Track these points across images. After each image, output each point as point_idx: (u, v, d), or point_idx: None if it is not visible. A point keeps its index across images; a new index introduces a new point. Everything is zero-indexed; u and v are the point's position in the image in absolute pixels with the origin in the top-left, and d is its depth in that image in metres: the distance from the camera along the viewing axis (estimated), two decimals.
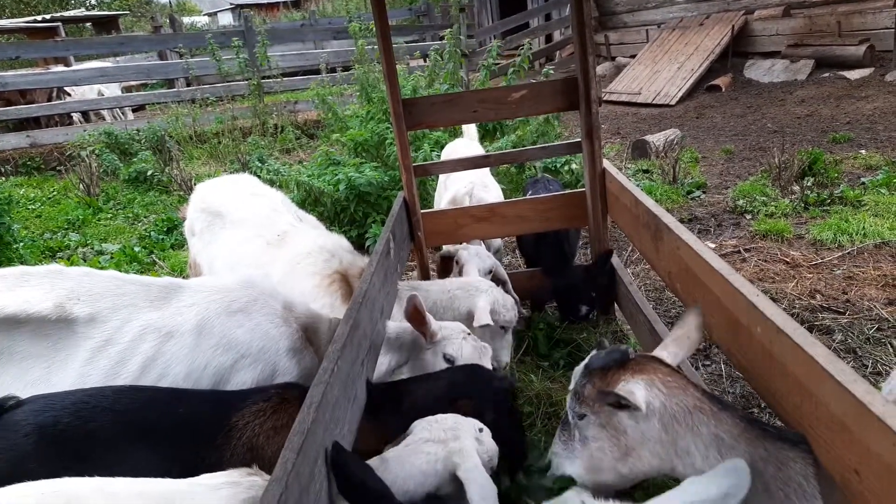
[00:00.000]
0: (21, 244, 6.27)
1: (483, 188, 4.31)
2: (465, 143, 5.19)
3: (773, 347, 1.59)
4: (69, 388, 1.89)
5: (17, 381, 1.93)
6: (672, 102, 11.39)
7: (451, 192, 4.35)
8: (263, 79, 11.73)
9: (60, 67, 13.29)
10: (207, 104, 11.70)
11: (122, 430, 1.76)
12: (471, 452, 1.81)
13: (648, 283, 4.56)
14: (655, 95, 11.82)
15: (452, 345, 2.52)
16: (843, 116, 8.74)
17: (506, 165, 6.33)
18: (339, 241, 3.26)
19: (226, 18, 36.06)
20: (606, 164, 3.52)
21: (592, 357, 1.86)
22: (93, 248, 6.47)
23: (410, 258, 3.99)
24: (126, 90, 15.03)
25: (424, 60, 10.92)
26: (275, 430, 1.88)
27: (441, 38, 8.06)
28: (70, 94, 12.76)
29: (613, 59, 15.18)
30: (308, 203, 5.64)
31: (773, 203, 5.72)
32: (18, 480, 1.39)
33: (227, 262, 3.24)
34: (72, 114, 12.25)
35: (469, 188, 4.22)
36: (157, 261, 5.98)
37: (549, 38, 17.43)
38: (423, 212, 3.72)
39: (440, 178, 4.93)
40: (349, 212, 5.59)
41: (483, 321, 2.77)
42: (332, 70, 11.91)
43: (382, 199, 5.61)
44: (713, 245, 5.10)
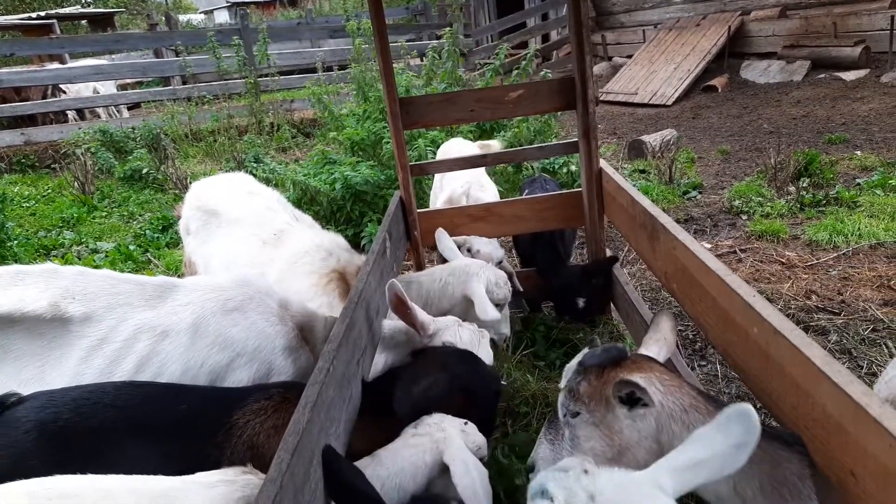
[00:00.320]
0: (15, 242, 6.24)
1: (479, 188, 4.30)
2: (460, 144, 5.18)
3: (770, 348, 1.59)
4: (63, 387, 1.88)
5: (12, 380, 1.92)
6: (668, 103, 11.41)
7: (448, 192, 4.34)
8: (260, 77, 11.70)
9: (56, 65, 13.23)
10: (203, 102, 11.66)
11: (123, 427, 1.76)
12: (455, 439, 1.85)
13: (644, 284, 4.57)
14: (652, 96, 11.84)
15: (449, 332, 2.47)
16: (839, 117, 8.76)
17: (503, 165, 6.32)
18: (337, 240, 3.25)
19: (222, 16, 35.97)
20: (603, 164, 3.52)
21: (587, 354, 1.83)
22: (87, 247, 6.45)
23: (407, 257, 3.98)
24: (121, 88, 14.97)
25: (421, 59, 10.91)
26: (275, 429, 1.87)
27: (438, 37, 8.02)
28: (65, 92, 12.70)
29: (610, 60, 15.20)
30: (304, 202, 5.62)
31: (769, 204, 5.74)
32: (19, 477, 1.39)
33: (223, 261, 3.23)
34: (67, 111, 12.19)
35: (466, 187, 4.22)
36: (153, 259, 5.95)
37: (546, 38, 17.43)
38: (420, 211, 3.72)
39: (436, 178, 4.92)
40: (345, 211, 5.58)
41: (489, 315, 2.68)
42: (329, 69, 11.89)
43: (378, 198, 5.60)
44: (709, 245, 5.11)
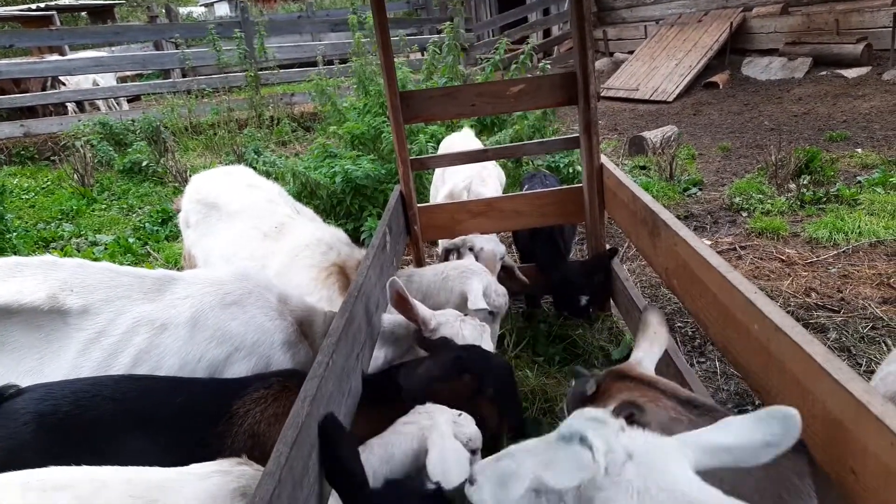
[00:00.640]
0: (14, 234, 6.23)
1: (481, 183, 4.28)
2: (463, 137, 5.17)
3: (771, 345, 1.59)
4: (61, 379, 1.88)
5: (9, 372, 1.91)
6: (669, 99, 11.38)
7: (449, 186, 4.33)
8: (260, 70, 11.66)
9: (55, 56, 13.19)
10: (203, 95, 11.62)
11: (123, 419, 1.77)
12: (440, 427, 1.87)
13: (644, 280, 4.56)
14: (653, 92, 11.80)
15: (451, 327, 2.48)
16: (840, 115, 8.74)
17: (503, 160, 6.30)
18: (337, 234, 3.25)
19: (222, 9, 35.76)
20: (604, 160, 3.51)
21: (568, 395, 1.87)
22: (87, 239, 6.43)
23: (407, 252, 3.98)
24: (121, 80, 14.93)
25: (422, 54, 10.87)
26: (276, 418, 1.88)
27: (439, 32, 7.98)
28: (65, 84, 12.65)
29: (611, 55, 15.15)
30: (304, 196, 5.61)
31: (770, 201, 5.73)
32: (17, 468, 1.39)
33: (223, 254, 3.22)
34: (66, 103, 12.15)
35: (467, 183, 4.20)
36: (152, 252, 5.94)
37: (548, 33, 17.37)
38: (420, 206, 3.71)
39: (437, 172, 4.91)
40: (345, 205, 5.57)
41: (478, 305, 2.73)
42: (330, 62, 11.85)
43: (379, 193, 5.58)
44: (709, 242, 5.10)
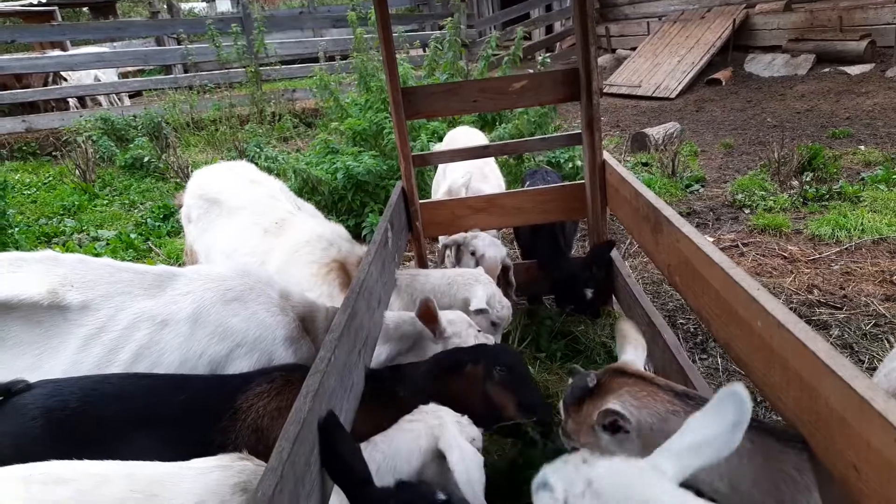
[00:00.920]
0: (16, 229, 6.23)
1: (482, 179, 4.27)
2: (466, 132, 5.16)
3: (773, 342, 1.58)
4: (61, 375, 1.89)
5: (8, 368, 1.91)
6: (672, 95, 11.35)
7: (448, 182, 4.32)
8: (261, 66, 11.64)
9: (57, 52, 13.16)
10: (205, 91, 11.61)
11: (129, 416, 1.79)
12: (450, 426, 1.90)
13: (646, 277, 4.56)
14: (655, 88, 11.77)
15: (459, 338, 2.55)
16: (843, 112, 8.71)
17: (504, 156, 6.29)
18: (338, 230, 3.24)
19: (224, 5, 35.67)
20: (606, 156, 3.49)
21: (566, 392, 1.89)
22: (88, 235, 6.44)
23: (408, 248, 3.97)
24: (123, 76, 14.90)
25: (424, 50, 10.84)
26: (279, 412, 1.90)
27: (440, 28, 7.97)
28: (66, 79, 12.64)
29: (614, 52, 15.11)
30: (305, 192, 5.61)
31: (772, 198, 5.71)
32: (25, 462, 1.40)
33: (224, 250, 3.22)
34: (68, 99, 12.15)
35: (466, 179, 4.19)
36: (154, 248, 5.95)
37: (550, 29, 17.33)
38: (422, 202, 3.70)
39: (439, 167, 4.90)
40: (347, 201, 5.57)
41: (480, 305, 2.78)
42: (331, 58, 11.82)
43: (380, 189, 5.58)
44: (711, 239, 5.09)
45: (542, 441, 2.45)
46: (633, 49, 13.87)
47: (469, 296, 2.92)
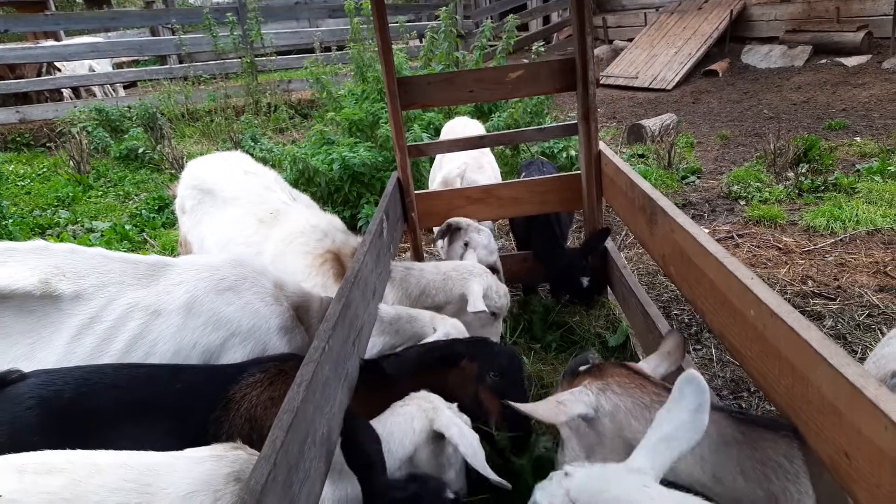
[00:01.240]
0: (10, 221, 6.21)
1: (477, 169, 4.26)
2: (464, 122, 5.14)
3: (767, 331, 1.59)
4: (54, 366, 1.89)
5: (1, 358, 1.91)
6: (669, 87, 11.33)
7: (443, 173, 4.31)
8: (257, 57, 11.56)
9: (50, 42, 13.03)
10: (200, 82, 11.54)
11: (123, 406, 1.79)
12: (443, 409, 1.94)
13: (641, 268, 4.56)
14: (652, 80, 11.75)
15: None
16: (840, 103, 8.72)
17: (500, 147, 6.28)
18: (333, 221, 3.24)
19: None
20: (602, 147, 3.49)
21: (569, 365, 1.99)
22: (83, 226, 6.41)
23: (404, 239, 3.97)
24: (117, 66, 14.79)
25: (420, 41, 10.78)
26: (272, 401, 1.90)
27: (437, 18, 7.91)
28: (60, 70, 12.53)
29: (611, 43, 15.06)
30: (301, 183, 5.59)
31: (768, 189, 5.72)
32: (20, 451, 1.41)
33: (219, 241, 3.21)
34: (62, 89, 12.05)
35: (461, 169, 4.18)
36: (149, 239, 5.93)
37: (547, 20, 17.25)
38: (417, 193, 3.69)
39: (436, 157, 4.89)
40: (343, 192, 5.55)
41: (477, 307, 2.73)
42: (327, 49, 11.75)
43: (376, 180, 5.56)
44: (706, 230, 5.10)
45: (510, 450, 2.32)
46: (631, 40, 13.83)
47: (465, 291, 2.89)
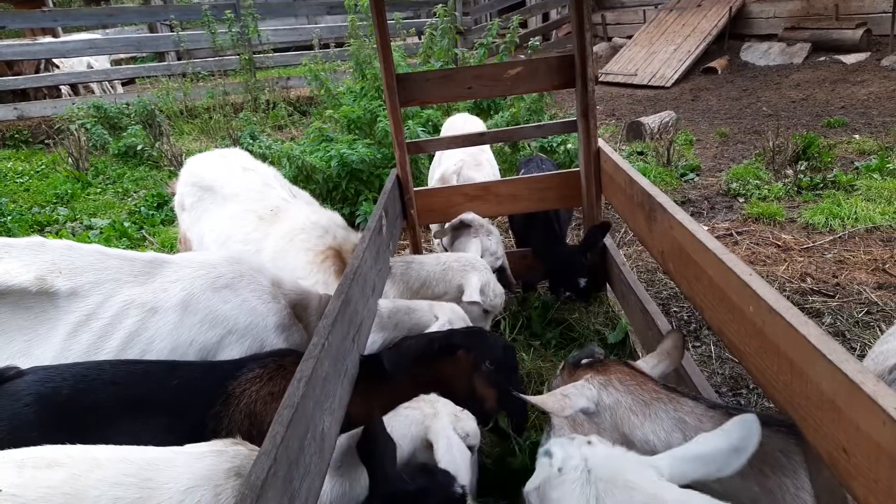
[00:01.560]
0: (9, 218, 6.20)
1: (474, 167, 4.25)
2: (465, 119, 5.14)
3: (766, 327, 1.59)
4: (50, 362, 1.89)
5: None
6: (668, 84, 11.33)
7: (440, 170, 4.30)
8: (255, 54, 11.54)
9: (48, 38, 13.00)
10: (198, 78, 11.51)
11: (122, 402, 1.79)
12: (442, 418, 1.92)
13: (640, 265, 4.57)
14: (651, 77, 11.74)
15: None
16: (838, 101, 8.72)
17: (500, 144, 6.27)
18: (333, 218, 3.23)
19: None
20: (601, 144, 3.49)
21: (573, 355, 2.01)
22: (82, 223, 6.40)
23: (403, 237, 3.96)
24: (115, 63, 14.75)
25: (419, 38, 10.76)
26: (272, 396, 1.90)
27: (436, 15, 7.89)
28: (58, 67, 12.50)
29: (610, 40, 15.05)
30: (300, 180, 5.57)
31: (767, 186, 5.72)
32: (18, 447, 1.40)
33: (218, 237, 3.20)
34: (60, 86, 12.02)
35: (458, 166, 4.17)
36: (147, 236, 5.92)
37: (546, 17, 17.23)
38: (416, 189, 3.69)
39: (435, 154, 4.89)
40: (341, 189, 5.54)
41: (473, 297, 2.76)
42: (326, 46, 11.73)
43: (374, 177, 5.55)
44: (706, 228, 5.10)
45: (514, 435, 2.45)
46: (630, 37, 13.82)
47: (463, 282, 2.91)
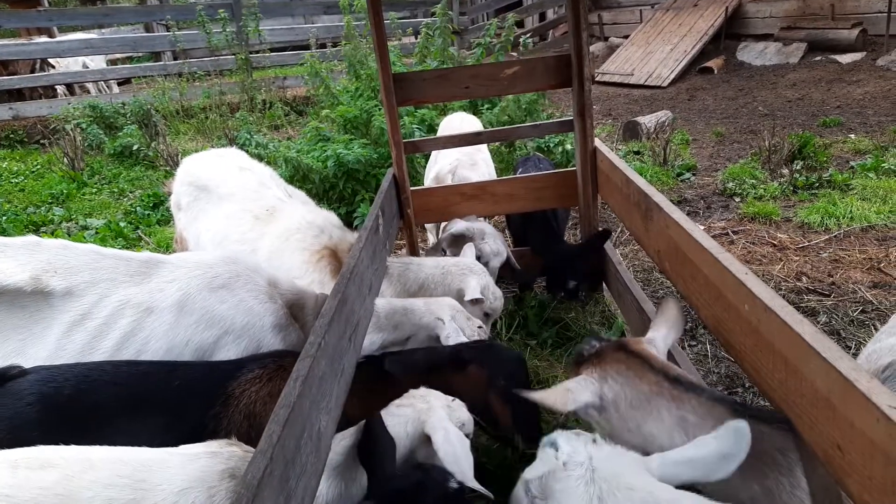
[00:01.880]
0: (4, 218, 6.18)
1: (469, 166, 4.25)
2: (461, 118, 5.14)
3: (761, 325, 1.59)
4: (45, 362, 1.89)
5: None
6: (664, 84, 11.35)
7: (436, 170, 4.31)
8: (252, 53, 11.52)
9: (44, 38, 12.97)
10: (194, 78, 11.49)
11: (123, 403, 1.79)
12: (437, 410, 1.93)
13: (637, 264, 4.57)
14: (648, 77, 11.76)
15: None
16: (834, 100, 8.75)
17: (496, 143, 6.28)
18: (329, 217, 3.23)
19: None
20: (598, 143, 3.49)
21: (575, 353, 1.98)
22: (77, 223, 6.38)
23: (399, 236, 3.96)
24: (111, 63, 14.73)
25: (416, 37, 10.75)
26: (271, 397, 1.90)
27: (432, 15, 7.89)
28: (54, 66, 12.47)
29: (606, 40, 15.07)
30: (296, 180, 5.57)
31: (762, 186, 5.74)
32: (21, 447, 1.40)
33: (214, 237, 3.20)
34: (56, 86, 11.99)
35: (453, 166, 4.17)
36: (143, 236, 5.91)
37: (543, 17, 17.24)
38: (413, 189, 3.69)
39: (432, 153, 4.89)
40: (338, 189, 5.54)
41: (474, 295, 2.81)
42: (323, 45, 11.72)
43: (371, 177, 5.55)
44: (702, 227, 5.10)
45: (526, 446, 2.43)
46: (626, 37, 13.84)
47: (463, 286, 2.94)
